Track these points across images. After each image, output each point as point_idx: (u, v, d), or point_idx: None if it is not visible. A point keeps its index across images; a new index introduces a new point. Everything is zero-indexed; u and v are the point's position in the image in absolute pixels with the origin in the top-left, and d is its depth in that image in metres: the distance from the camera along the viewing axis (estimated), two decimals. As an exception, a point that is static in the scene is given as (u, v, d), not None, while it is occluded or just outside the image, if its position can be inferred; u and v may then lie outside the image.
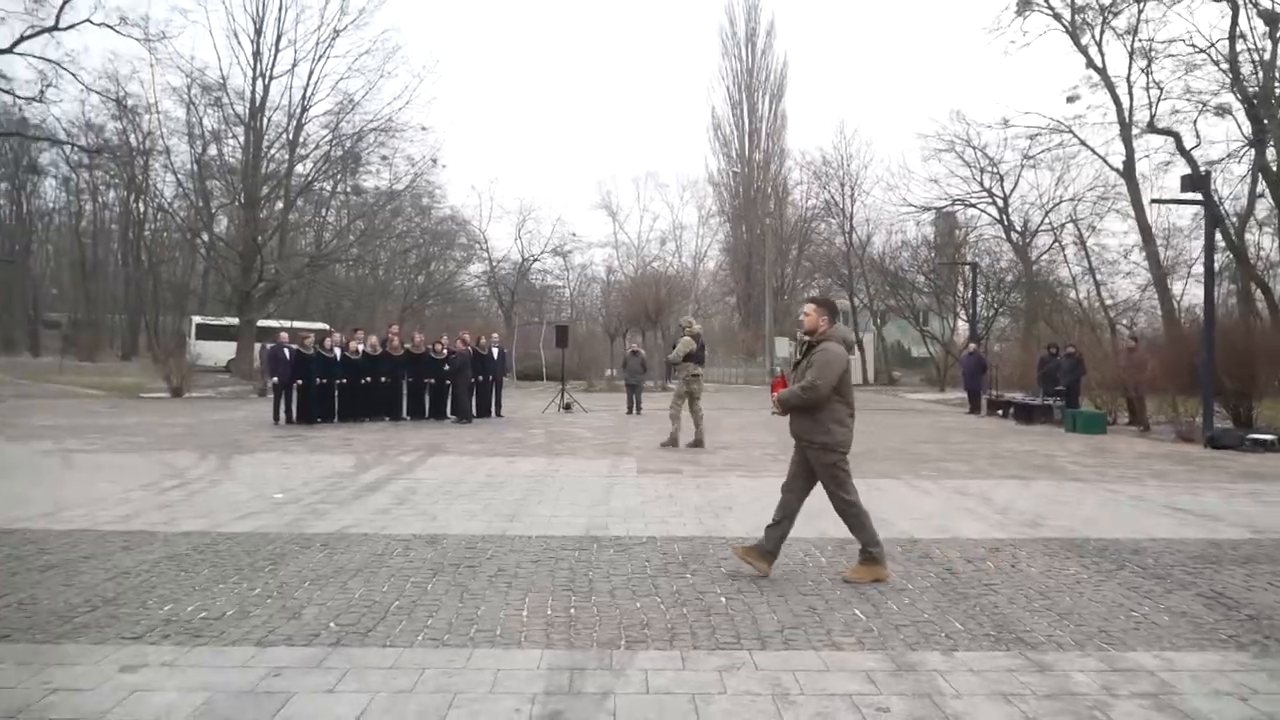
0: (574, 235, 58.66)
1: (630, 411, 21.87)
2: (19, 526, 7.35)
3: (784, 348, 45.58)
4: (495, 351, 20.83)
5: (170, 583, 5.68)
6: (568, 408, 22.32)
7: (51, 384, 33.36)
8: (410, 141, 40.42)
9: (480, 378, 20.01)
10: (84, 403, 25.20)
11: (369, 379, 18.90)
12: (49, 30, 29.94)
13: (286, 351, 18.25)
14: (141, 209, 53.09)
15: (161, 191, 43.12)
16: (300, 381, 18.12)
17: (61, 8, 29.83)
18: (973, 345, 25.77)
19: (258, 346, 39.48)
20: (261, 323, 40.50)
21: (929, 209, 40.43)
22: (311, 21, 47.00)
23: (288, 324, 44.53)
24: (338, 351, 18.75)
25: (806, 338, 6.15)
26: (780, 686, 4.10)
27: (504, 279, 54.76)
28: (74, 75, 31.05)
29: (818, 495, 6.20)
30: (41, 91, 32.59)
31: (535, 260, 54.69)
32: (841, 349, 6.03)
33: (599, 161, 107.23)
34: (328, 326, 48.14)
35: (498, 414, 20.49)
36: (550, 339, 44.45)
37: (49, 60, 30.83)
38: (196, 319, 47.27)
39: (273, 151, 37.98)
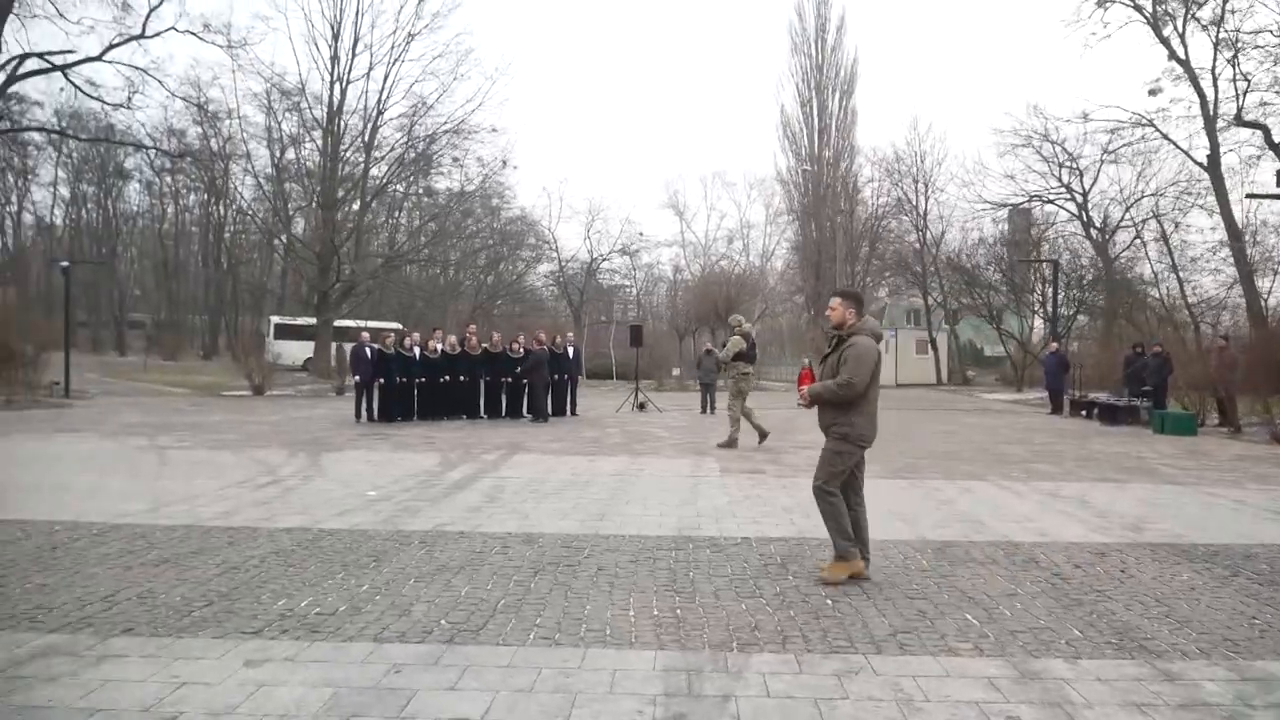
0: (641, 235, 58.88)
1: (704, 411, 21.80)
2: (125, 521, 7.55)
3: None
4: (570, 351, 20.91)
5: (280, 578, 5.77)
6: (642, 407, 22.33)
7: (137, 382, 34.38)
8: (481, 143, 40.93)
9: (556, 377, 20.11)
10: (169, 400, 25.91)
11: (447, 378, 19.11)
12: (136, 38, 30.88)
13: (368, 351, 18.54)
14: (221, 212, 54.51)
15: (241, 194, 44.16)
16: (381, 380, 18.39)
17: (148, 16, 30.76)
18: (1054, 344, 25.17)
19: (334, 345, 40.30)
20: (337, 323, 41.25)
21: (1005, 205, 39.64)
22: (386, 26, 47.66)
23: (361, 324, 45.39)
24: (417, 351, 18.98)
25: (835, 332, 6.08)
26: (903, 692, 4.01)
27: (572, 279, 55.06)
28: (160, 82, 31.96)
29: (892, 496, 6.06)
30: (129, 97, 33.64)
31: (604, 260, 54.94)
32: (872, 342, 5.96)
33: (667, 161, 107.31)
34: (400, 326, 49.00)
35: (573, 413, 20.57)
36: (621, 338, 44.64)
37: (136, 67, 31.81)
38: (275, 319, 48.31)
39: (349, 154, 38.70)
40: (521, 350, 19.92)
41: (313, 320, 45.73)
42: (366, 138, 38.68)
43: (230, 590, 5.48)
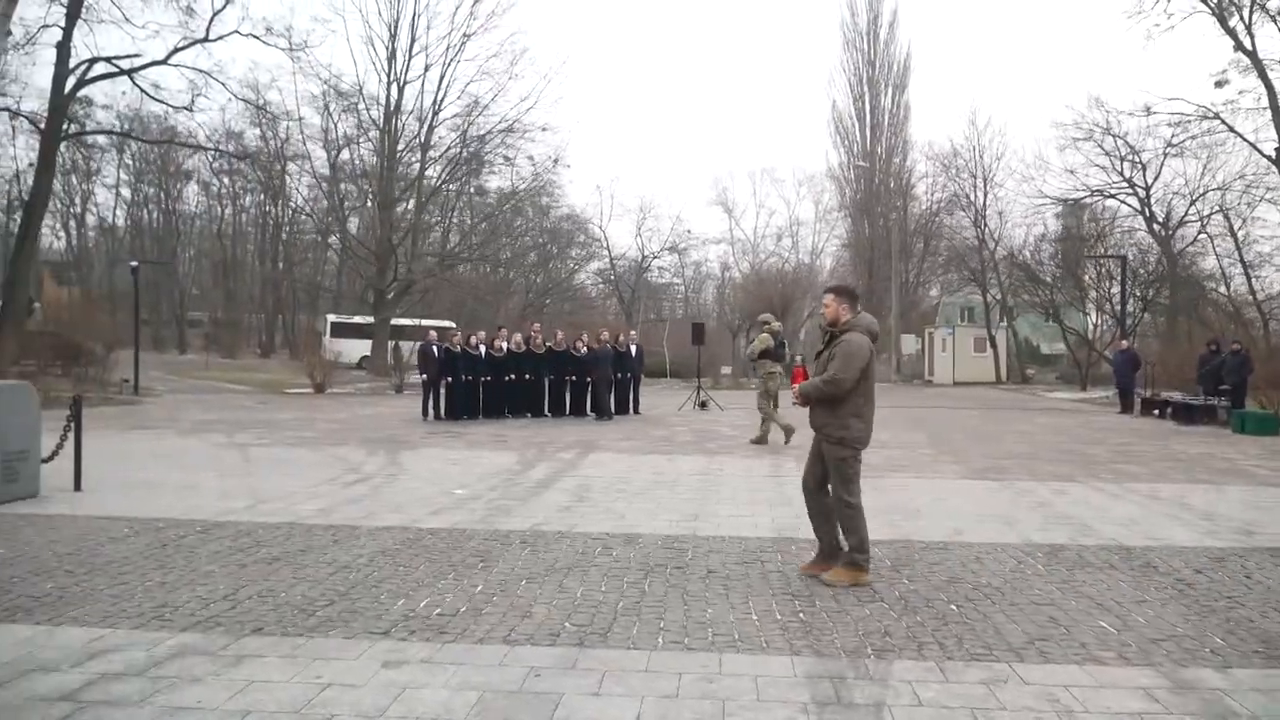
0: (689, 233, 58.51)
1: (768, 409, 21.59)
2: (228, 519, 7.61)
3: (910, 344, 44.62)
4: (633, 349, 20.86)
5: (393, 578, 5.77)
6: (703, 405, 22.21)
7: (199, 379, 34.94)
8: (532, 141, 40.86)
9: (619, 375, 20.09)
10: (234, 398, 26.28)
11: (512, 376, 19.16)
12: (200, 41, 31.28)
13: (436, 349, 18.64)
14: (278, 212, 55.26)
15: (300, 194, 44.71)
16: (449, 378, 18.49)
17: (211, 20, 31.15)
18: (1125, 342, 24.64)
19: (391, 344, 40.65)
20: (392, 321, 41.57)
21: (1065, 201, 38.91)
22: (443, 27, 47.95)
23: (415, 322, 45.77)
24: (483, 349, 19.05)
25: (830, 329, 5.94)
26: (1059, 703, 3.89)
27: (623, 277, 55.08)
28: (223, 84, 32.38)
29: (985, 498, 5.91)
30: (192, 100, 34.16)
31: (655, 258, 54.88)
32: (865, 339, 5.76)
33: (715, 158, 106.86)
34: (454, 325, 49.31)
35: (635, 411, 20.52)
36: (676, 336, 44.56)
37: (200, 70, 32.28)
38: (331, 317, 48.86)
39: (405, 154, 39.00)
40: (585, 349, 19.93)
41: (369, 319, 46.20)
42: (422, 138, 38.96)
43: (348, 589, 5.48)
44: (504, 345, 19.37)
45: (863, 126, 57.42)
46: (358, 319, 48.04)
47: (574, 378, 19.87)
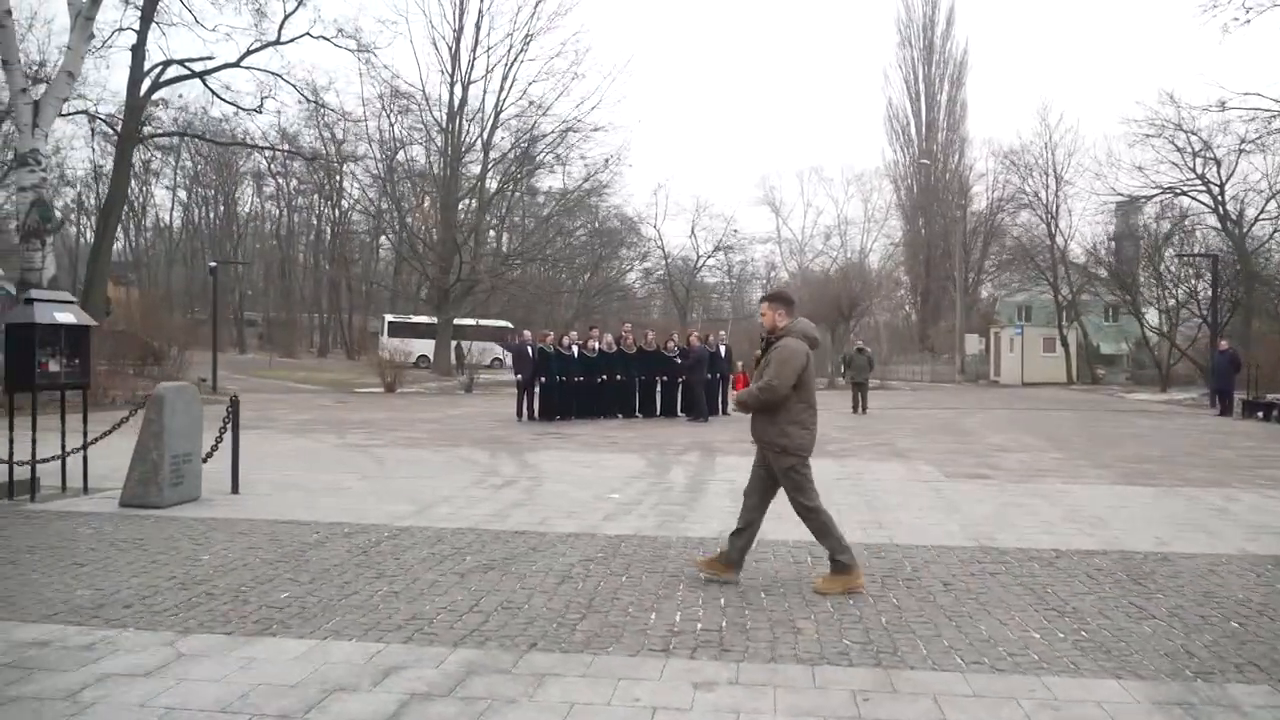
0: (735, 232, 58.00)
1: (856, 410, 21.29)
2: (406, 524, 7.44)
3: (974, 344, 44.00)
4: (723, 349, 20.61)
5: (626, 589, 5.53)
6: (789, 406, 21.86)
7: (266, 378, 35.09)
8: (587, 139, 40.68)
9: (711, 375, 19.84)
10: (310, 397, 26.37)
11: (604, 377, 18.99)
12: (272, 44, 31.42)
13: (530, 350, 18.49)
14: (336, 212, 55.56)
15: (366, 194, 44.85)
16: (542, 379, 18.34)
17: (283, 22, 31.27)
18: (1224, 343, 24.01)
19: (453, 343, 40.71)
20: (434, 320, 41.65)
21: (1136, 199, 38.14)
22: (506, 27, 47.87)
23: (474, 322, 45.83)
24: (575, 349, 18.88)
25: (768, 335, 5.80)
26: None
27: (677, 276, 54.86)
28: (294, 86, 32.49)
29: (1156, 506, 5.57)
30: (260, 102, 34.44)
31: (709, 257, 54.62)
32: (801, 345, 5.63)
33: (762, 156, 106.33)
34: (510, 325, 49.30)
35: (724, 412, 20.25)
36: (734, 336, 44.15)
37: (271, 73, 32.43)
38: (389, 317, 49.11)
39: (468, 154, 39.01)
40: (676, 349, 19.73)
41: (425, 318, 46.33)
42: (486, 138, 38.98)
43: (589, 601, 5.26)
44: (596, 346, 19.19)
45: (919, 124, 56.95)
46: (414, 318, 48.24)
47: (665, 378, 19.68)
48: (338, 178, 52.94)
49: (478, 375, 33.77)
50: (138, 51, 29.79)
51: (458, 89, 38.18)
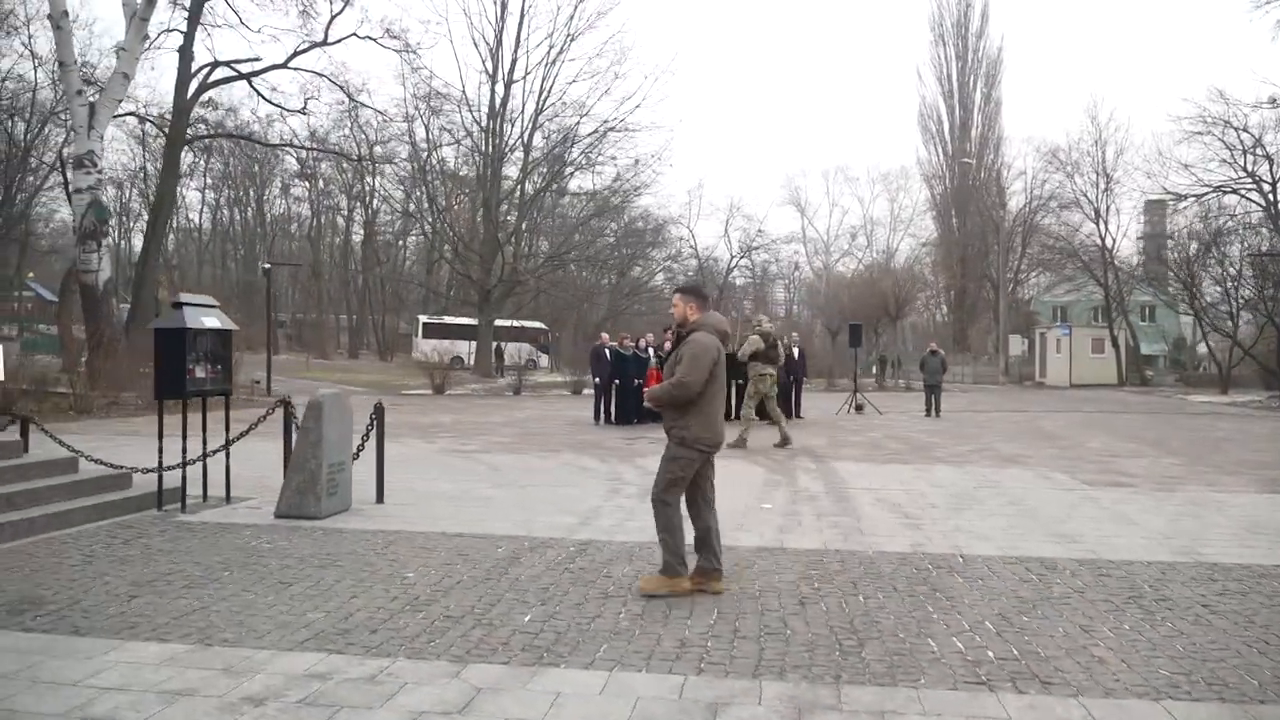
0: (760, 232, 57.45)
1: (929, 413, 20.93)
2: (585, 538, 7.15)
3: (1017, 345, 43.54)
4: (796, 351, 20.28)
5: (917, 609, 5.22)
6: (859, 409, 21.59)
7: (307, 379, 34.84)
8: (628, 138, 40.32)
9: (787, 377, 19.50)
10: (361, 399, 26.04)
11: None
12: (319, 45, 31.20)
13: (607, 352, 18.21)
14: (367, 213, 55.37)
15: (395, 195, 44.61)
16: (618, 381, 18.06)
17: (330, 23, 31.04)
18: (1302, 343, 23.58)
19: (500, 345, 40.43)
20: (469, 321, 41.38)
21: (1186, 197, 37.66)
22: (547, 28, 47.64)
23: (510, 323, 45.56)
24: (651, 352, 18.58)
25: (678, 329, 5.77)
26: None
27: (710, 277, 54.45)
28: (341, 87, 32.23)
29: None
30: (304, 104, 34.18)
31: (743, 257, 54.28)
32: (711, 339, 5.55)
33: (787, 156, 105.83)
34: (544, 326, 49.04)
35: (797, 415, 19.93)
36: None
37: (319, 74, 32.20)
38: (423, 318, 48.90)
39: (509, 154, 38.77)
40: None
41: (459, 319, 46.11)
42: (526, 138, 38.73)
43: (868, 626, 4.93)
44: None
45: (953, 122, 56.47)
46: (449, 320, 48.03)
47: (740, 381, 19.33)
48: (370, 179, 52.85)
49: (527, 375, 33.48)
50: (185, 53, 29.63)
51: (499, 88, 37.95)
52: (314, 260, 58.22)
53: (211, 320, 8.08)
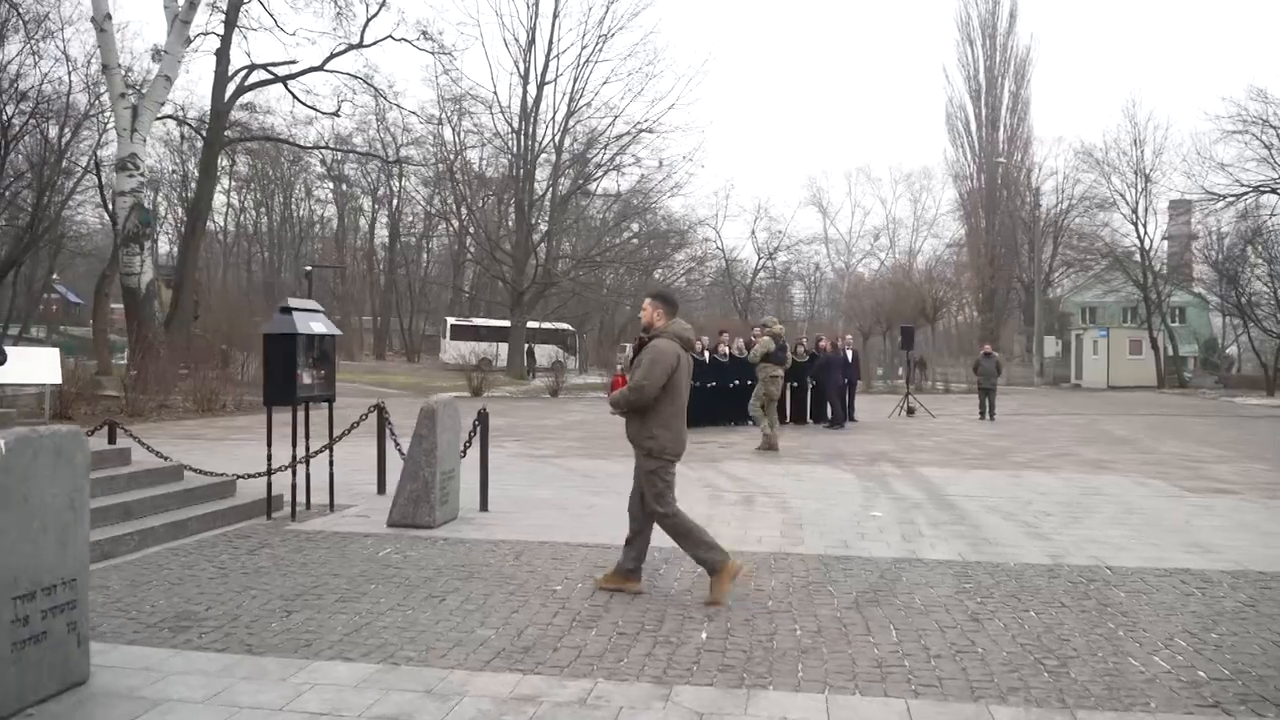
0: (781, 233, 57.08)
1: (984, 416, 20.70)
2: (793, 550, 6.98)
3: (1051, 346, 43.23)
4: (849, 354, 20.07)
5: (1094, 626, 5.04)
6: (910, 411, 21.37)
7: (343, 382, 34.74)
8: (661, 138, 40.21)
9: (844, 380, 19.33)
10: (405, 402, 25.93)
11: (736, 382, 18.51)
12: (355, 47, 31.19)
13: (665, 355, 18.02)
14: (392, 215, 55.37)
15: (422, 196, 44.55)
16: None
17: (365, 25, 31.03)
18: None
19: (531, 347, 40.34)
20: (497, 323, 41.18)
21: (1223, 197, 37.27)
22: (579, 30, 47.52)
23: (539, 325, 45.47)
24: (707, 355, 18.40)
25: (643, 334, 5.78)
26: None
27: (738, 279, 54.35)
28: (377, 90, 32.21)
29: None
30: (338, 106, 34.17)
31: (771, 259, 54.06)
32: (672, 345, 5.54)
33: (809, 156, 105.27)
34: (570, 327, 48.91)
35: (851, 418, 19.72)
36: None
37: (355, 76, 32.17)
38: (450, 319, 48.83)
39: (541, 156, 38.65)
40: (806, 355, 19.25)
41: (487, 321, 46.02)
42: (557, 140, 38.60)
43: (1091, 643, 4.74)
44: (726, 350, 18.72)
45: (980, 122, 56.05)
46: (477, 321, 47.95)
47: (796, 384, 19.18)
48: (395, 181, 52.85)
49: (565, 377, 33.37)
50: (222, 56, 29.65)
51: (530, 88, 37.84)
52: (340, 261, 58.27)
53: (318, 325, 7.95)
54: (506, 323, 40.24)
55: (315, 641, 4.66)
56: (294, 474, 7.85)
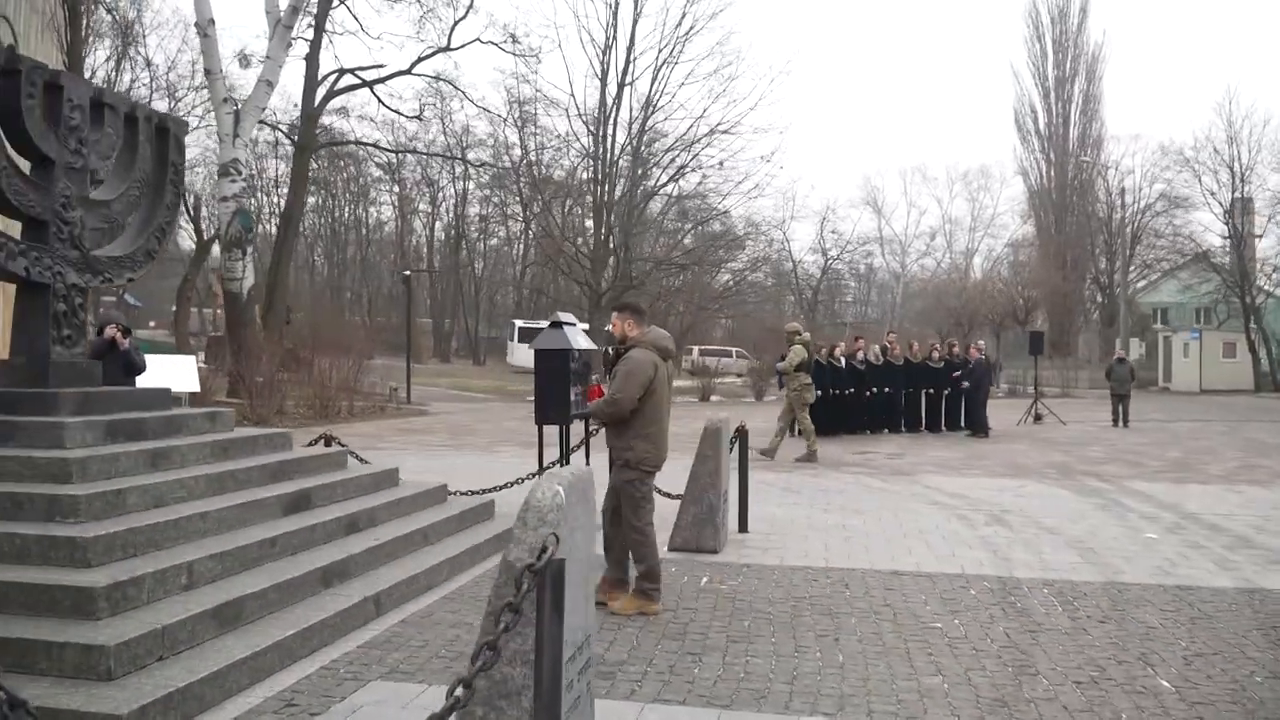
0: (834, 233, 56.14)
1: (1117, 423, 20.15)
2: (1047, 577, 6.62)
3: (1135, 348, 42.31)
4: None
5: None
6: (1039, 418, 20.84)
7: (424, 387, 34.69)
8: (729, 140, 39.62)
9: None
10: (499, 408, 25.86)
11: (873, 390, 18.14)
12: (443, 50, 31.01)
13: (803, 361, 17.66)
14: (458, 216, 55.31)
15: (504, 198, 44.45)
16: (817, 392, 17.50)
17: (453, 28, 30.80)
18: None
19: (607, 350, 40.04)
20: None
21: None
22: (658, 32, 47.19)
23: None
24: (843, 361, 18.02)
25: (619, 346, 5.74)
26: None
27: (805, 280, 53.84)
28: (463, 94, 32.12)
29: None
30: (421, 109, 34.11)
31: (835, 260, 53.47)
32: (648, 356, 5.50)
33: (864, 155, 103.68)
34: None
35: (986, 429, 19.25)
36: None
37: (441, 78, 32.08)
38: (518, 323, 48.65)
39: (620, 158, 38.35)
40: (942, 361, 18.85)
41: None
42: (635, 142, 38.27)
43: None
44: (863, 357, 18.34)
45: (1050, 120, 55.11)
46: (543, 324, 47.65)
47: (930, 391, 18.78)
48: (462, 183, 52.81)
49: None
50: (312, 61, 29.60)
51: (609, 89, 37.53)
52: (403, 264, 58.24)
53: (583, 340, 7.68)
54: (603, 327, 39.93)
55: (742, 692, 4.34)
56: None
